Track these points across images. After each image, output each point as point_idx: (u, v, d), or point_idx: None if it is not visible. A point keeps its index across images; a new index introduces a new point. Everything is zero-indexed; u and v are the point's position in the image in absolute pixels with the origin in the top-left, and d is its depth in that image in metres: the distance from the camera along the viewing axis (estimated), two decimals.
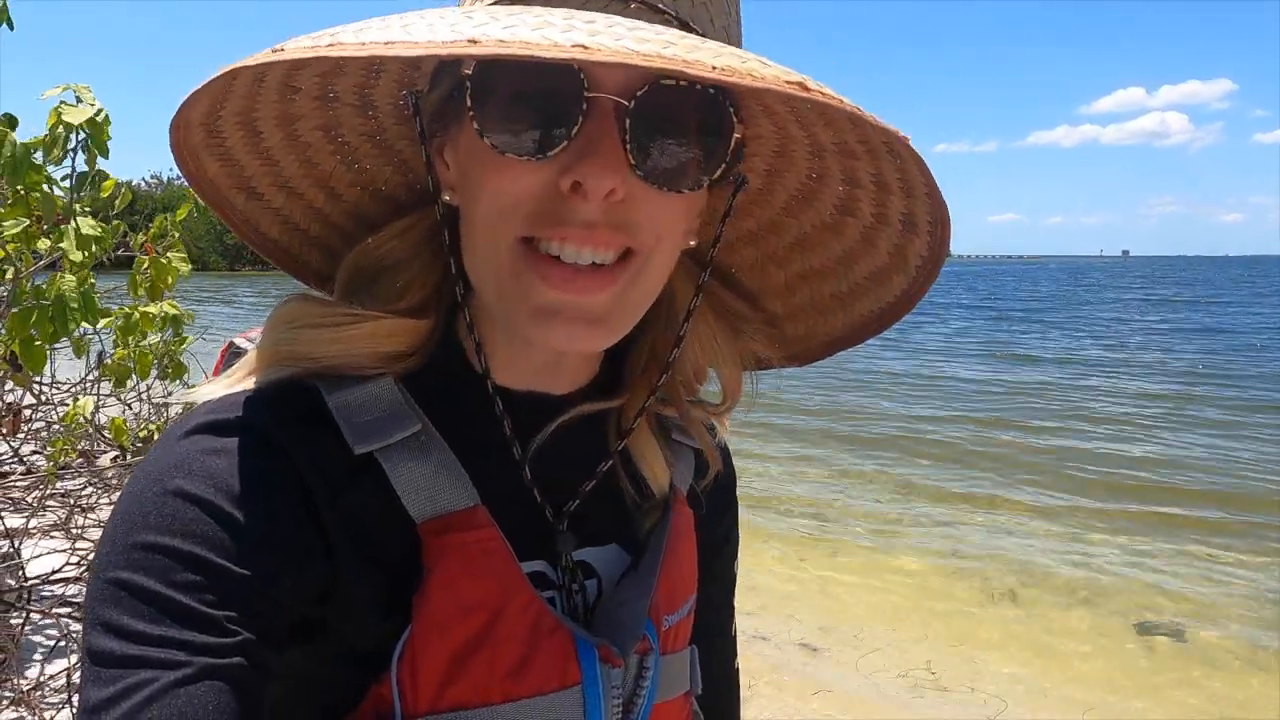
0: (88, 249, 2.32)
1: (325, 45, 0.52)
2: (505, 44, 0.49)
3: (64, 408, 3.93)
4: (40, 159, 2.29)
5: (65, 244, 2.28)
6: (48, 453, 4.10)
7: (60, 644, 3.13)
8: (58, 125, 2.23)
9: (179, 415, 0.68)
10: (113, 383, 3.59)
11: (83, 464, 4.55)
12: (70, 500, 4.26)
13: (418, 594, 0.63)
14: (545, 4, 0.58)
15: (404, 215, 0.75)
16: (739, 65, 0.50)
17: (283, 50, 0.54)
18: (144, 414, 4.72)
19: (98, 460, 4.71)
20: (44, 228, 2.38)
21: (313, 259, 0.82)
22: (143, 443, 4.20)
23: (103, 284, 3.33)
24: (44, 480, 4.07)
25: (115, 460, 4.58)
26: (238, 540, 0.58)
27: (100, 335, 3.60)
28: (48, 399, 4.39)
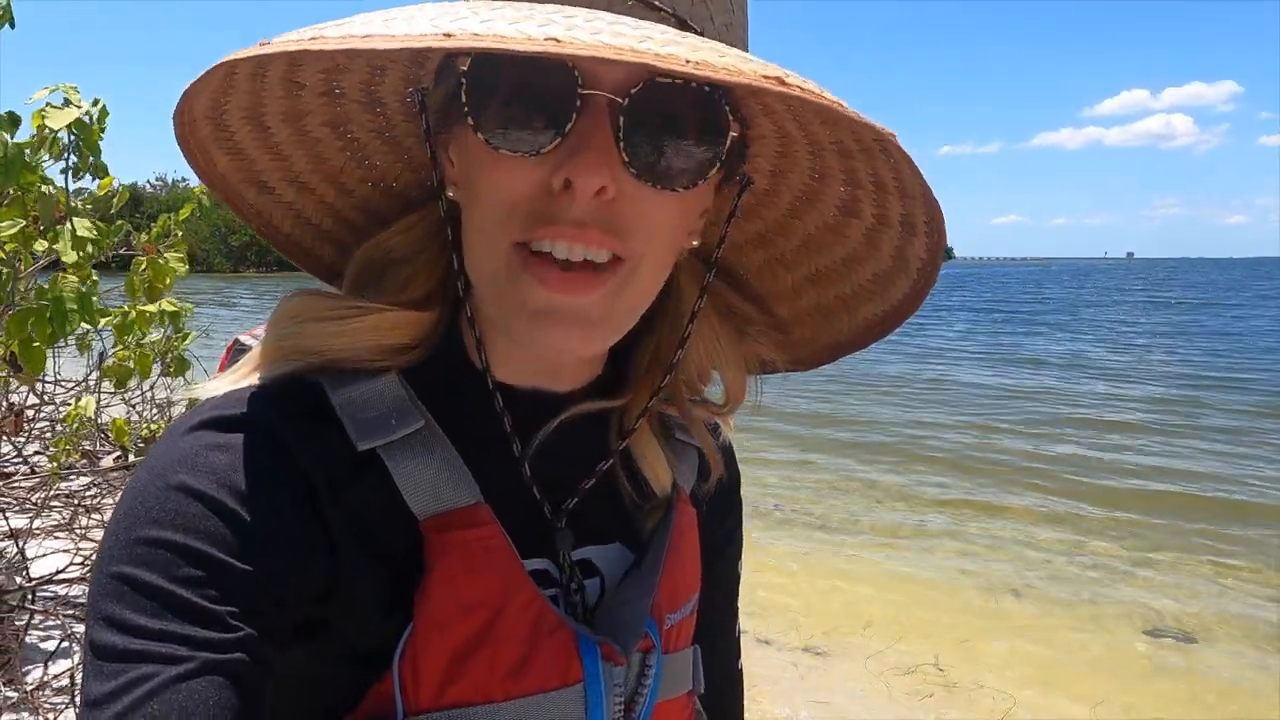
0: (83, 250, 2.31)
1: (308, 39, 0.53)
2: (479, 37, 0.49)
3: (67, 407, 3.93)
4: (42, 159, 2.29)
5: (60, 245, 2.28)
6: (50, 453, 4.10)
7: (64, 644, 3.14)
8: (43, 128, 2.22)
9: (184, 411, 0.68)
10: (114, 384, 3.59)
11: (86, 464, 4.55)
12: (74, 501, 4.27)
13: (419, 591, 0.63)
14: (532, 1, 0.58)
15: (414, 211, 0.75)
16: (715, 60, 0.50)
17: (269, 45, 0.54)
18: (147, 414, 4.73)
19: (101, 461, 4.72)
20: (41, 228, 2.37)
21: (325, 254, 0.82)
22: (144, 443, 4.20)
23: (105, 284, 3.33)
24: (48, 481, 4.08)
25: (117, 460, 4.59)
26: (241, 536, 0.58)
27: (100, 335, 3.59)
28: (51, 398, 4.39)
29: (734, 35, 0.69)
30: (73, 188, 2.75)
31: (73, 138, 2.31)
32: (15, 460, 4.56)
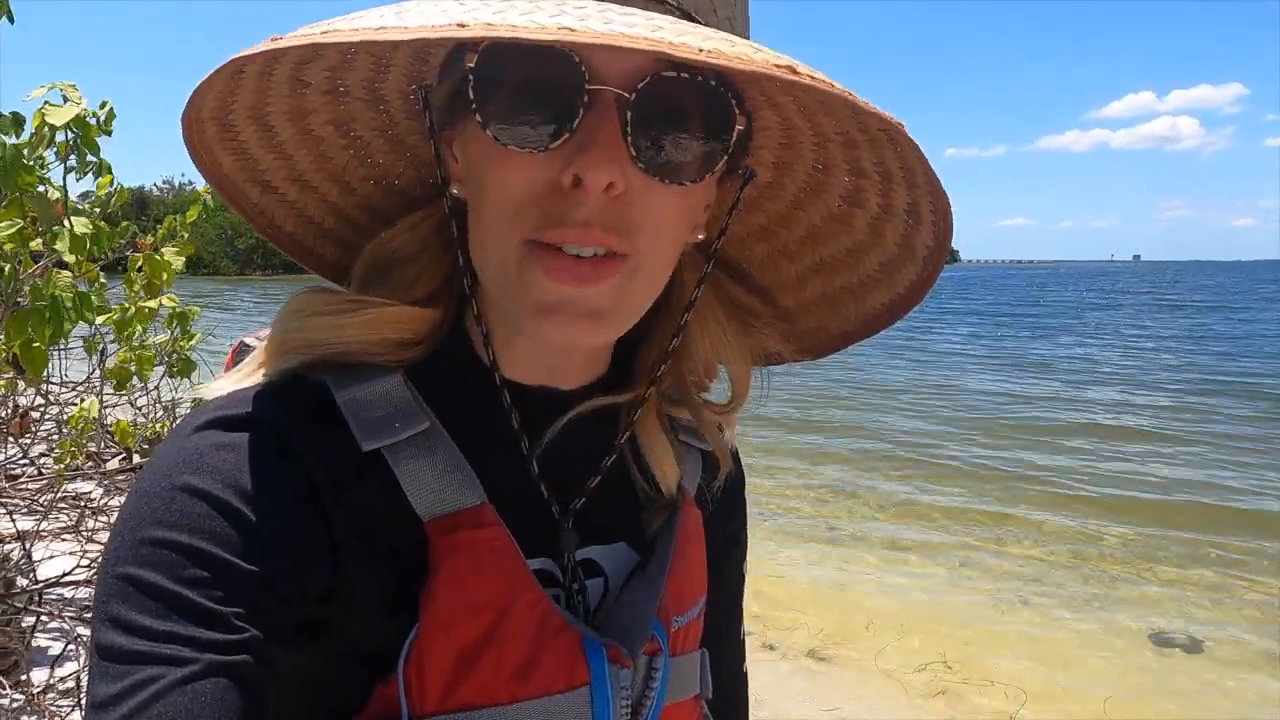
0: (82, 249, 2.31)
1: (319, 33, 0.53)
2: (493, 27, 0.49)
3: (72, 408, 3.93)
4: (42, 158, 2.28)
5: (60, 245, 2.27)
6: (55, 454, 4.11)
7: (70, 647, 3.14)
8: (42, 126, 2.22)
9: (189, 411, 0.68)
10: (114, 385, 3.58)
11: (92, 466, 4.57)
12: (81, 503, 4.28)
13: (424, 593, 0.63)
14: None
15: (417, 209, 0.75)
16: (728, 50, 0.50)
17: (281, 40, 0.54)
18: (153, 414, 4.73)
19: (106, 463, 4.73)
20: (40, 229, 2.37)
21: (327, 252, 0.82)
22: (149, 444, 4.20)
23: (112, 285, 3.33)
24: (54, 483, 4.09)
25: (122, 462, 4.60)
26: (246, 536, 0.58)
27: (104, 334, 3.59)
28: (56, 399, 4.40)
29: (736, 26, 0.69)
30: (75, 188, 2.76)
31: (72, 136, 2.30)
32: (22, 462, 4.58)
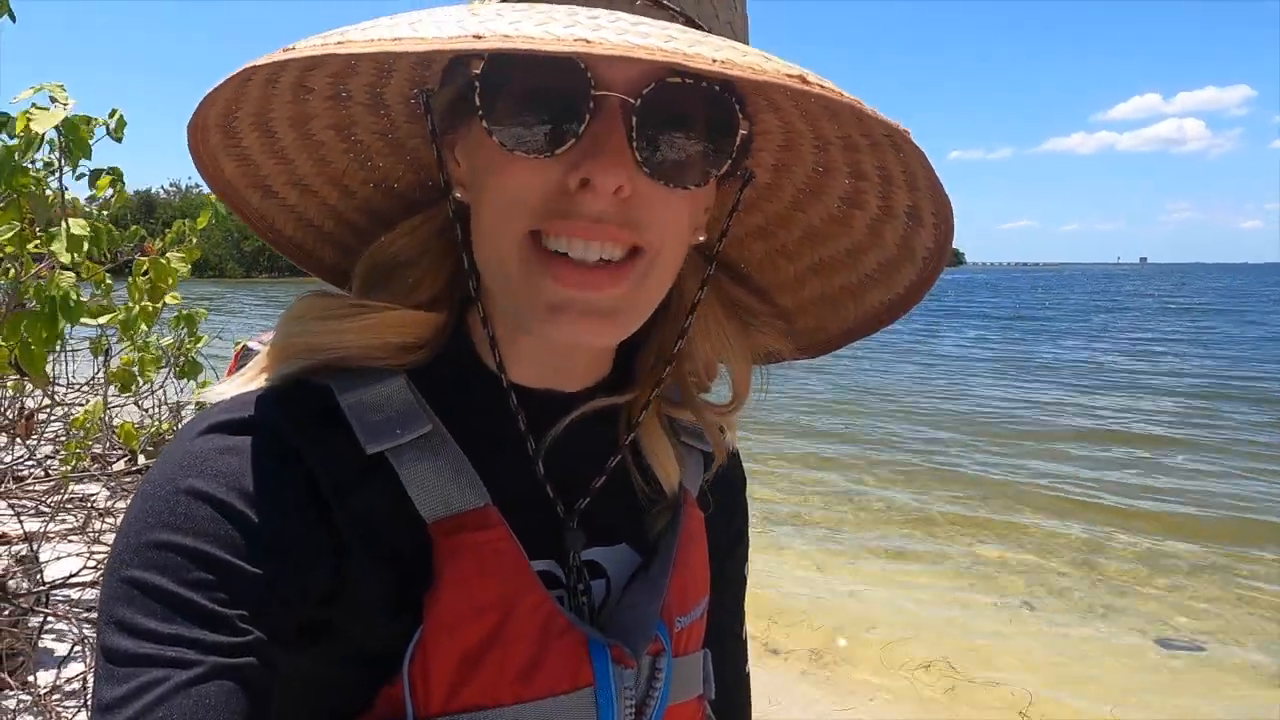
0: (79, 250, 2.30)
1: (334, 43, 0.53)
2: (509, 39, 0.49)
3: (78, 409, 3.94)
4: (36, 161, 2.26)
5: (55, 245, 2.26)
6: (61, 456, 4.12)
7: (76, 648, 3.15)
8: (28, 129, 2.20)
9: (193, 415, 0.69)
10: (118, 388, 3.58)
11: (98, 468, 4.58)
12: (88, 504, 4.30)
13: (429, 594, 0.63)
14: (551, 1, 0.58)
15: (416, 212, 0.76)
16: (740, 59, 0.50)
17: (294, 49, 0.55)
18: (159, 415, 4.73)
19: (112, 465, 4.74)
20: (37, 230, 2.36)
21: (326, 255, 0.83)
22: (154, 446, 4.21)
23: (118, 287, 3.33)
24: (60, 484, 4.10)
25: (127, 464, 4.61)
26: (249, 539, 0.58)
27: (109, 335, 3.58)
28: (62, 400, 4.40)
29: (737, 32, 0.69)
30: (83, 191, 2.75)
31: (63, 139, 2.28)
32: (29, 463, 4.60)
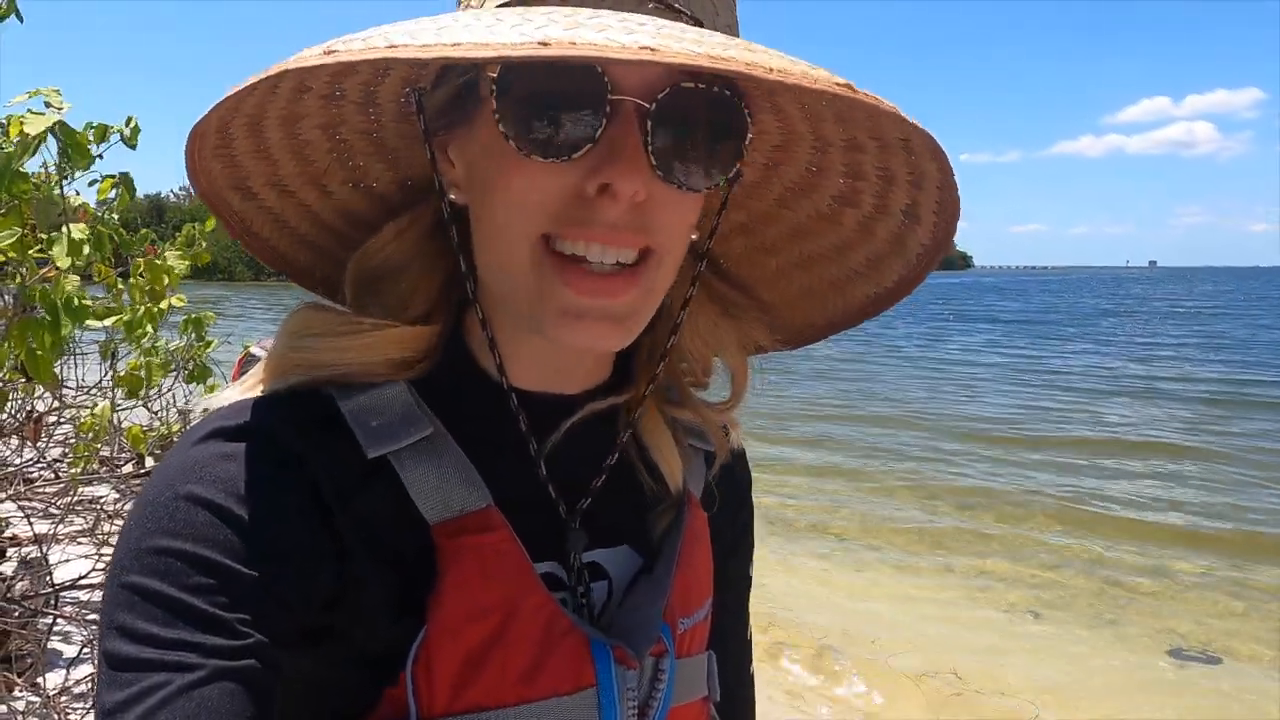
0: (78, 255, 2.30)
1: (383, 46, 0.51)
2: (576, 46, 0.48)
3: (86, 411, 3.95)
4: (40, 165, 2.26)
5: (56, 250, 2.27)
6: (69, 459, 4.13)
7: (85, 650, 3.16)
8: (23, 134, 2.18)
9: (196, 421, 0.69)
10: (125, 393, 3.58)
11: (107, 471, 4.59)
12: (97, 506, 4.31)
13: (431, 596, 0.63)
14: (561, 4, 0.58)
15: (394, 215, 0.75)
16: (792, 68, 0.51)
17: (336, 53, 0.52)
18: (167, 418, 4.74)
19: (121, 468, 4.76)
20: (39, 235, 2.35)
21: (302, 258, 0.81)
22: (162, 449, 4.22)
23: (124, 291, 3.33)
24: (69, 487, 4.11)
25: (135, 466, 4.63)
26: (249, 543, 0.59)
27: (116, 337, 3.58)
28: (71, 403, 4.42)
29: (733, 33, 0.69)
30: (92, 196, 2.76)
31: (60, 143, 2.27)
32: (39, 465, 4.62)
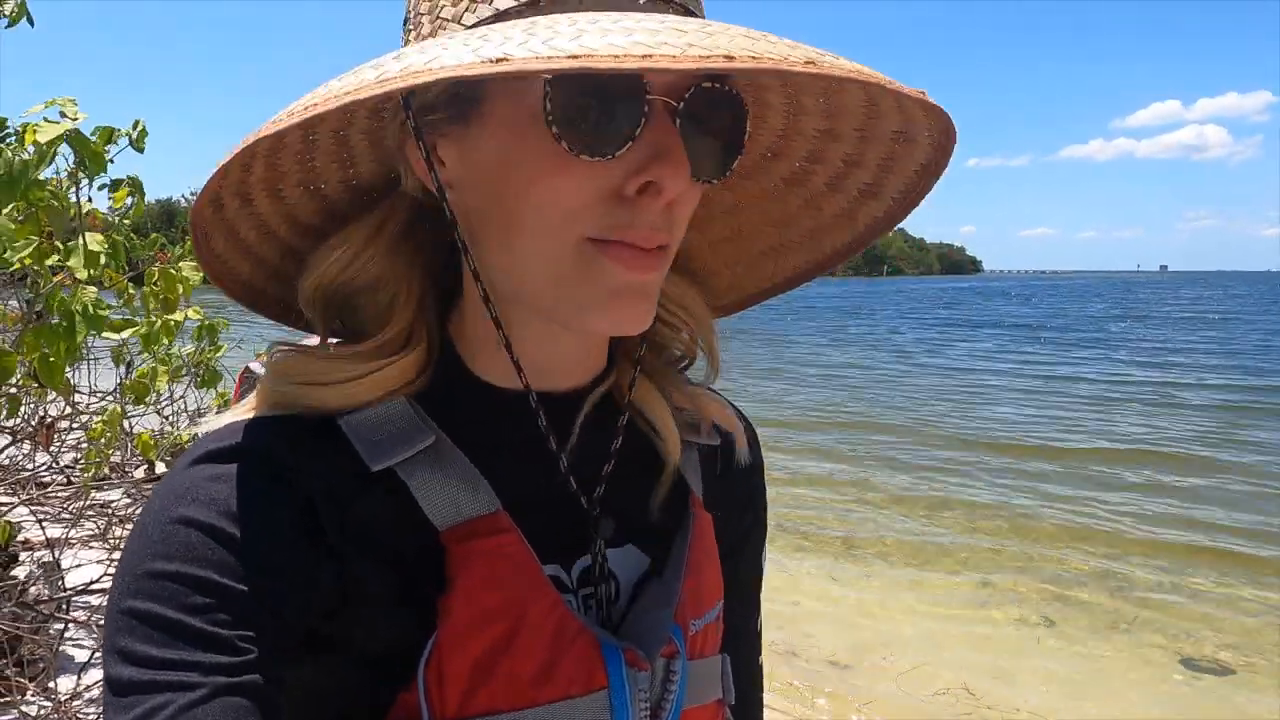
0: (96, 264, 2.31)
1: (439, 67, 0.48)
2: (652, 58, 0.47)
3: (98, 417, 3.96)
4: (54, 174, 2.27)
5: (73, 261, 2.28)
6: (80, 465, 4.15)
7: (97, 655, 3.17)
8: (38, 143, 2.19)
9: (202, 432, 0.69)
10: (132, 400, 3.58)
11: (118, 476, 4.62)
12: (109, 511, 4.33)
13: (442, 600, 0.63)
14: (560, 10, 0.57)
15: (339, 221, 0.71)
16: (868, 69, 0.51)
17: (389, 80, 0.50)
18: (179, 424, 4.76)
19: (133, 473, 4.78)
20: (55, 243, 2.37)
21: (243, 270, 0.75)
22: (172, 456, 4.23)
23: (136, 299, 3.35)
24: (81, 492, 4.13)
25: (147, 472, 4.64)
26: (244, 560, 0.59)
27: (131, 345, 3.59)
28: (84, 408, 4.44)
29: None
30: (103, 202, 2.77)
31: (74, 152, 2.28)
32: (52, 470, 4.65)
